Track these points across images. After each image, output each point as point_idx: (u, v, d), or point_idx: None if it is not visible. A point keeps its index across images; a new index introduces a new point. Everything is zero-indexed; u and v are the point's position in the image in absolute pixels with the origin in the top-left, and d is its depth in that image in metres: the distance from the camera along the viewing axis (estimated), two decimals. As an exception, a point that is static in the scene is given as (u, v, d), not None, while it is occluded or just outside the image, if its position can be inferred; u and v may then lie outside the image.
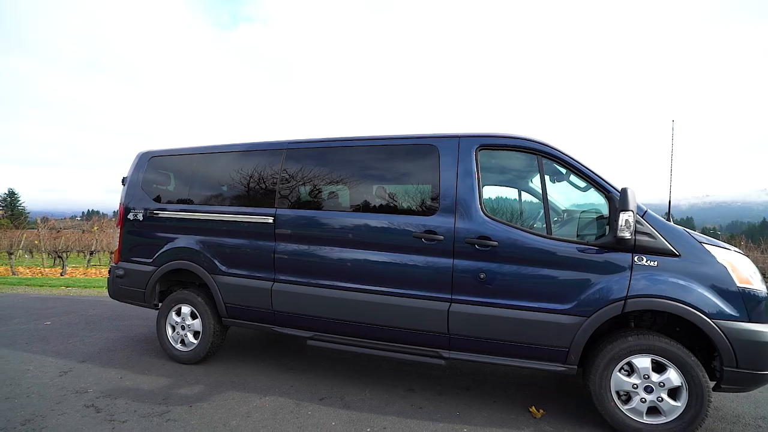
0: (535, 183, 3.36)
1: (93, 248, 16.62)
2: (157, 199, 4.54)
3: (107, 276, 4.88)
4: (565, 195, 3.63)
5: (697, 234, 3.03)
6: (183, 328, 4.21)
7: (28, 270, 15.78)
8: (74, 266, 17.64)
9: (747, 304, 2.81)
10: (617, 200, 2.87)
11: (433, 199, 3.43)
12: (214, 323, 4.08)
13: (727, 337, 2.74)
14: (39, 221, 16.67)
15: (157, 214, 4.44)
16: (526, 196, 3.71)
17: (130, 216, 4.58)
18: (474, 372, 4.15)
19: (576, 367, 3.04)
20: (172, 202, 4.47)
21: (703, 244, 2.94)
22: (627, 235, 2.75)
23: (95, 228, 17.45)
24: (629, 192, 2.76)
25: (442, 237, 3.28)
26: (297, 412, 3.17)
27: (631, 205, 2.74)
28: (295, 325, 3.76)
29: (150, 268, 4.36)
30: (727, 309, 2.79)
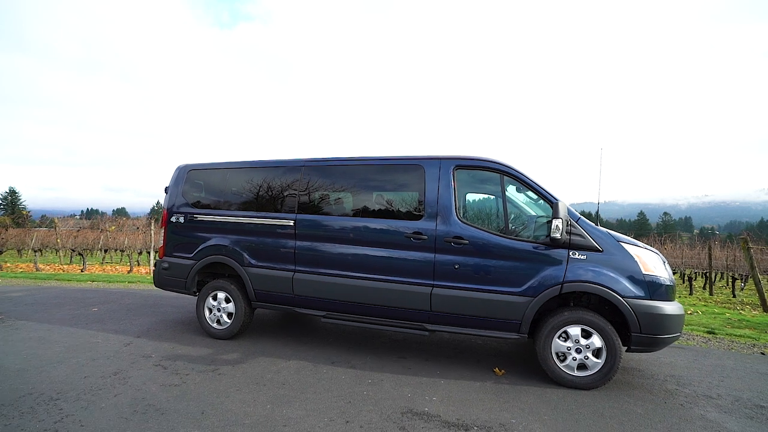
0: (499, 195, 4.34)
1: (108, 247, 17.58)
2: (195, 205, 5.51)
3: (153, 269, 5.84)
4: (534, 203, 4.58)
5: (617, 234, 4.02)
6: (219, 310, 5.18)
7: (48, 266, 16.76)
8: (89, 263, 18.62)
9: (650, 287, 3.80)
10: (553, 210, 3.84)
11: (420, 207, 4.41)
12: (244, 306, 5.05)
13: (633, 311, 3.73)
14: (57, 221, 17.60)
15: (196, 217, 5.42)
16: (493, 205, 4.68)
17: (173, 219, 5.56)
18: (455, 345, 5.14)
19: (527, 335, 4.02)
20: (209, 208, 5.44)
21: (620, 242, 3.93)
22: (557, 236, 3.73)
23: (112, 228, 18.42)
24: (560, 204, 3.75)
25: (426, 237, 4.27)
26: (315, 370, 4.15)
27: (561, 215, 3.72)
28: (311, 307, 4.74)
29: (190, 261, 5.34)
30: (635, 290, 3.78)
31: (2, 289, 8.79)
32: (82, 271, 14.58)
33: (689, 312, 9.05)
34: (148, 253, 18.71)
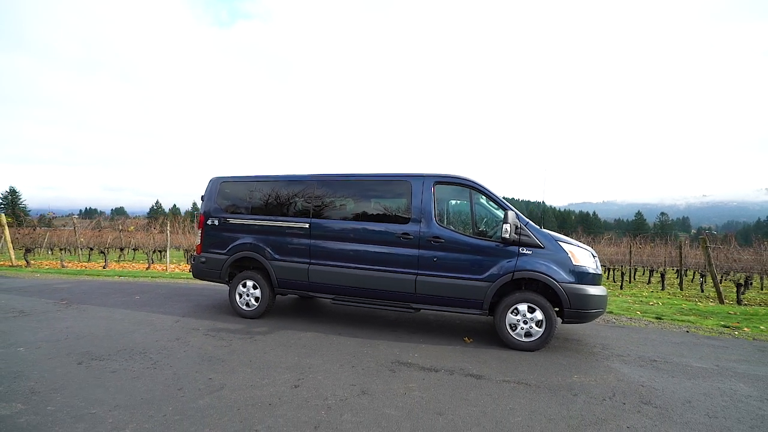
0: (468, 204, 5.61)
1: (124, 246, 18.82)
2: (227, 210, 6.78)
3: (191, 263, 7.10)
4: (495, 210, 5.82)
5: (556, 234, 5.30)
6: (248, 295, 6.45)
7: (69, 263, 18.01)
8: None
9: (578, 275, 5.08)
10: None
11: (407, 213, 5.68)
12: (269, 292, 6.33)
13: (565, 292, 5.00)
14: (75, 221, 18.85)
15: (228, 220, 6.69)
16: (464, 212, 5.94)
17: (209, 222, 6.83)
18: (436, 321, 6.42)
19: (487, 312, 5.30)
20: (238, 212, 6.71)
21: (557, 241, 5.20)
22: (507, 236, 5.00)
23: (131, 228, 19.70)
24: (509, 213, 5.02)
25: (412, 237, 5.54)
26: (326, 338, 5.43)
27: (510, 221, 4.99)
28: (323, 291, 6.02)
29: (224, 256, 6.61)
30: (567, 277, 5.06)
31: (50, 282, 10.07)
32: (104, 268, 15.83)
33: (650, 303, 10.33)
34: (161, 252, 19.99)
